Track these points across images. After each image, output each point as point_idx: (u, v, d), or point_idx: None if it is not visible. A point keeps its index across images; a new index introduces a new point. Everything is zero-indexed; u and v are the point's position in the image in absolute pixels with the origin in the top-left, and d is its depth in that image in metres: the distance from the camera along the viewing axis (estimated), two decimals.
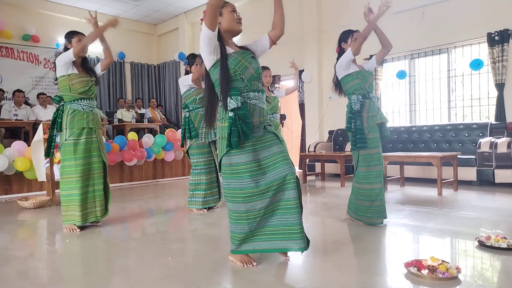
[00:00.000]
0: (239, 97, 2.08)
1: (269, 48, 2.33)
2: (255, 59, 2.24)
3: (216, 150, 3.94)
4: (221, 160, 2.17)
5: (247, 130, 2.05)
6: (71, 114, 3.12)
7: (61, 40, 9.69)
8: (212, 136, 3.90)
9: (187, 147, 3.89)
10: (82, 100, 3.15)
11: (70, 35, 3.21)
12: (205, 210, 3.87)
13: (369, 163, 3.07)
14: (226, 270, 2.18)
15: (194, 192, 3.86)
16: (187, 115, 3.83)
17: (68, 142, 3.10)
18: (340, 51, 3.28)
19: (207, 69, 2.19)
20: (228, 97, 2.08)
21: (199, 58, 3.89)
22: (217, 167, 2.32)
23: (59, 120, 3.12)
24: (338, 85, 3.31)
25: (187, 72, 3.94)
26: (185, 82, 3.86)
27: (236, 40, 2.48)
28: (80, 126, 3.12)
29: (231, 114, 2.08)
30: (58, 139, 4.93)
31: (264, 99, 2.22)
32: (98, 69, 3.33)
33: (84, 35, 3.21)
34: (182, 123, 3.90)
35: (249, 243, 2.19)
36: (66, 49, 3.19)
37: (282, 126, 5.98)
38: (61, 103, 3.17)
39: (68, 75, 3.11)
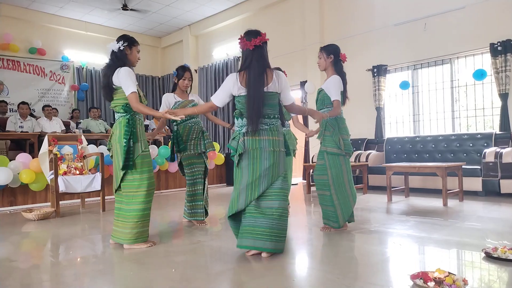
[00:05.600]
0: None
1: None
2: None
3: (207, 159, 3.95)
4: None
5: None
6: (140, 125, 3.03)
7: (67, 53, 9.85)
8: (202, 147, 3.86)
9: (179, 160, 3.86)
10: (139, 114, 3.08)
11: (132, 41, 3.03)
12: (206, 222, 3.86)
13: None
14: (229, 283, 2.17)
15: (193, 203, 3.82)
16: (176, 129, 3.81)
17: (145, 153, 2.98)
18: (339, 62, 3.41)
19: (280, 91, 2.71)
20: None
21: (188, 73, 3.84)
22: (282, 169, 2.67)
23: (134, 130, 2.93)
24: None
25: (174, 85, 3.90)
26: (170, 100, 3.81)
27: (240, 51, 2.75)
28: (145, 138, 3.06)
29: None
30: (63, 150, 5.00)
31: None
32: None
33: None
34: (171, 137, 3.86)
35: None
36: (122, 52, 2.95)
37: None
38: (131, 113, 2.94)
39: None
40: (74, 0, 8.61)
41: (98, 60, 10.46)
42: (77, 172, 4.92)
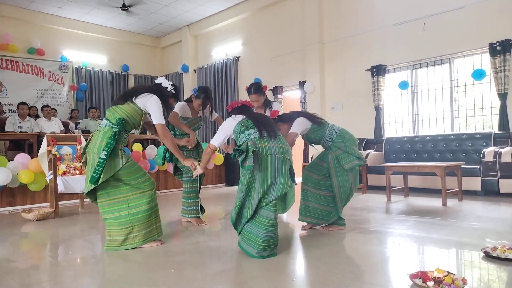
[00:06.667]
0: None
1: None
2: None
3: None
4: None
5: None
6: (123, 143, 2.98)
7: (66, 53, 9.85)
8: (194, 155, 3.89)
9: (174, 163, 3.89)
10: (129, 133, 3.06)
11: (178, 96, 3.26)
12: (205, 222, 3.86)
13: None
14: (228, 283, 2.17)
15: (192, 200, 3.83)
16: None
17: (129, 162, 2.90)
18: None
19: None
20: None
21: (207, 100, 3.83)
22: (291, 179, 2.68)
23: (116, 145, 2.85)
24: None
25: (189, 99, 3.89)
26: (185, 110, 3.80)
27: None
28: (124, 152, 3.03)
29: None
30: (62, 151, 5.00)
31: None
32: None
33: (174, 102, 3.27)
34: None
35: None
36: (164, 92, 3.03)
37: None
38: (121, 129, 2.88)
39: (143, 113, 2.96)
40: (73, 0, 8.60)
41: (97, 60, 10.46)
42: (76, 172, 4.91)
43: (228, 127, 2.82)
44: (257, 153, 2.56)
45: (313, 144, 3.51)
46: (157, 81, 3.14)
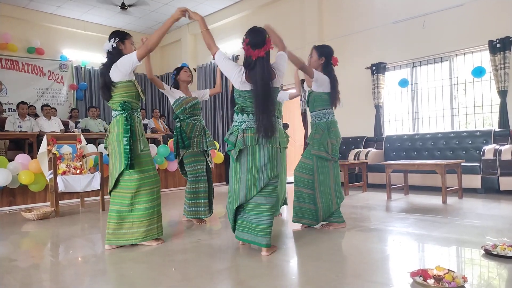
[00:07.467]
0: None
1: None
2: None
3: (209, 157, 3.95)
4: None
5: None
6: (139, 124, 3.00)
7: (66, 52, 9.83)
8: (204, 145, 3.85)
9: (181, 157, 3.83)
10: (139, 110, 3.05)
11: (123, 35, 3.00)
12: (206, 221, 3.85)
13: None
14: (229, 281, 2.17)
15: (194, 201, 3.81)
16: (179, 125, 3.79)
17: (145, 152, 2.97)
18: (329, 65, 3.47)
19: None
20: None
21: (186, 68, 3.95)
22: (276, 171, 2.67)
23: (133, 128, 2.90)
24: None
25: (175, 83, 3.91)
26: (175, 92, 3.84)
27: (239, 49, 2.67)
28: (145, 137, 3.03)
29: None
30: (62, 150, 5.00)
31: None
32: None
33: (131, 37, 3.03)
34: (174, 133, 3.84)
35: None
36: (116, 49, 2.94)
37: None
38: (129, 111, 2.91)
39: (133, 81, 2.91)
40: None
41: (97, 59, 10.44)
42: (77, 171, 4.92)
43: (232, 67, 2.66)
44: (246, 146, 2.62)
45: (307, 104, 3.54)
46: (105, 51, 2.99)
